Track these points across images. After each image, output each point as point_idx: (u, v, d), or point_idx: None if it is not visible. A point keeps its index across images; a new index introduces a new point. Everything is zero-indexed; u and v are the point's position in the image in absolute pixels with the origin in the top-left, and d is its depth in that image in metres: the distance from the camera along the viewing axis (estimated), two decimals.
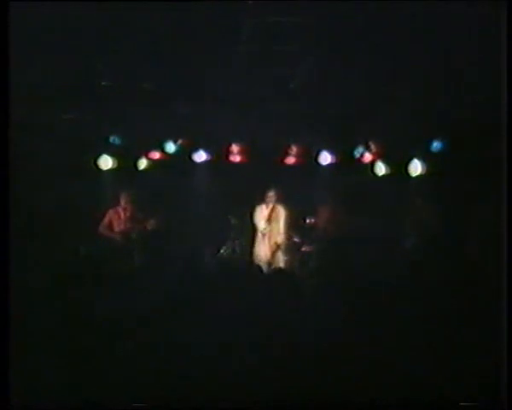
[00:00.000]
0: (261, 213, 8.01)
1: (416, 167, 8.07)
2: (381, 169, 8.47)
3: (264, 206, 8.00)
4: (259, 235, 8.00)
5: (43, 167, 7.71)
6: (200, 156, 8.94)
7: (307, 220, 8.11)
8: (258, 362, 3.31)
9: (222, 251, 8.44)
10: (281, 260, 7.85)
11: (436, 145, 8.02)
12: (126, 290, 4.28)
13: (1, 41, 3.45)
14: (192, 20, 5.29)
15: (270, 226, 7.94)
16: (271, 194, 7.90)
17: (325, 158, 8.79)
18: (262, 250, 7.93)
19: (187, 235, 8.39)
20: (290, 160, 9.00)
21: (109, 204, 7.77)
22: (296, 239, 7.93)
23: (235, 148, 8.92)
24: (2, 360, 3.15)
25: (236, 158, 8.98)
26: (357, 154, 8.75)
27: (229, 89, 7.01)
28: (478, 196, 7.12)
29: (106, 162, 8.46)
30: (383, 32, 5.35)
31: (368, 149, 8.57)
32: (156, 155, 8.87)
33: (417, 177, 8.08)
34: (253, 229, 8.11)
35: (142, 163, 8.79)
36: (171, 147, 8.76)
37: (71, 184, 7.84)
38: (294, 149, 8.90)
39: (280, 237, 7.89)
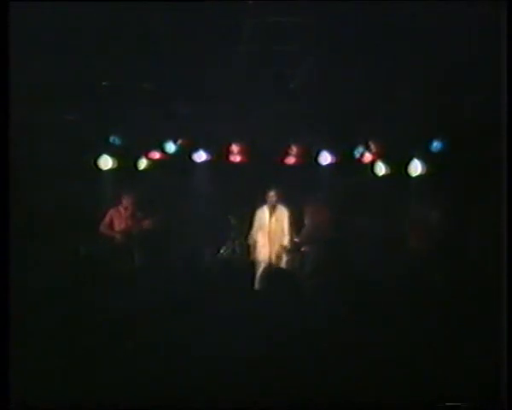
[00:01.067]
0: (263, 214, 7.97)
1: (416, 167, 8.07)
2: (381, 169, 8.47)
3: (265, 207, 7.96)
4: (260, 236, 7.96)
5: (43, 167, 7.72)
6: (200, 156, 8.95)
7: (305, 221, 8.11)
8: (258, 362, 3.31)
9: (222, 251, 8.44)
10: (281, 261, 7.83)
11: (436, 145, 8.02)
12: (126, 290, 4.28)
13: (1, 41, 3.45)
14: (192, 20, 5.30)
15: (271, 227, 7.91)
16: (272, 194, 7.85)
17: (325, 158, 8.80)
18: (262, 252, 7.90)
19: (187, 235, 8.40)
20: (290, 160, 9.01)
21: (109, 204, 7.77)
22: (296, 239, 7.92)
23: (235, 148, 8.93)
24: (2, 360, 3.15)
25: (236, 158, 8.99)
26: (357, 154, 8.76)
27: (229, 89, 7.01)
28: (478, 196, 7.12)
29: (106, 162, 8.46)
30: (383, 32, 5.35)
31: (368, 149, 8.58)
32: (156, 155, 8.88)
33: (417, 177, 8.08)
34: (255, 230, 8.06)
35: (142, 163, 8.80)
36: (171, 147, 8.77)
37: (71, 184, 7.85)
38: (294, 149, 8.91)
39: (285, 238, 7.85)
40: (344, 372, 3.28)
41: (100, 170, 8.49)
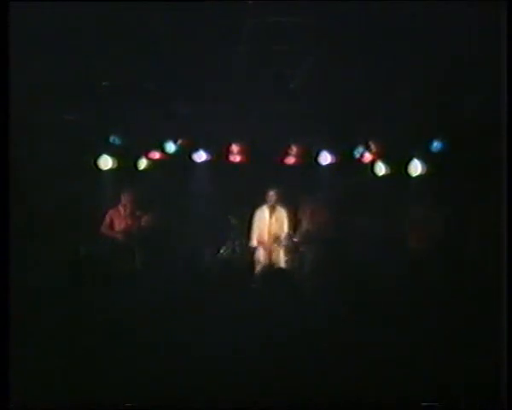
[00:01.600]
0: (262, 214, 7.96)
1: (416, 167, 8.07)
2: (381, 169, 8.47)
3: (264, 207, 7.95)
4: (260, 236, 7.95)
5: (43, 167, 7.71)
6: (200, 156, 8.94)
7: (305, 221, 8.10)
8: (258, 362, 3.31)
9: (222, 251, 8.43)
10: (281, 261, 7.83)
11: (436, 145, 8.02)
12: (126, 290, 4.29)
13: (1, 41, 3.45)
14: (192, 20, 5.30)
15: (271, 227, 7.90)
16: (271, 193, 7.85)
17: (325, 158, 8.80)
18: (262, 252, 7.89)
19: (187, 235, 8.39)
20: (290, 160, 9.00)
21: (109, 204, 7.76)
22: (296, 239, 7.92)
23: (235, 148, 8.92)
24: (2, 360, 3.15)
25: (236, 158, 8.99)
26: (357, 154, 8.75)
27: (229, 89, 7.01)
28: (478, 196, 7.11)
29: (106, 162, 8.46)
30: (383, 32, 5.35)
31: (368, 149, 8.57)
32: (156, 155, 8.87)
33: (417, 177, 8.08)
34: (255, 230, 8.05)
35: (142, 163, 8.79)
36: (171, 147, 8.76)
37: (71, 184, 7.85)
38: (294, 149, 8.90)
39: (285, 238, 7.85)
40: (344, 372, 3.28)
41: (100, 170, 8.48)
